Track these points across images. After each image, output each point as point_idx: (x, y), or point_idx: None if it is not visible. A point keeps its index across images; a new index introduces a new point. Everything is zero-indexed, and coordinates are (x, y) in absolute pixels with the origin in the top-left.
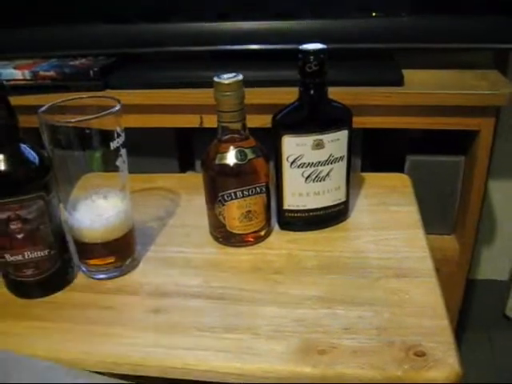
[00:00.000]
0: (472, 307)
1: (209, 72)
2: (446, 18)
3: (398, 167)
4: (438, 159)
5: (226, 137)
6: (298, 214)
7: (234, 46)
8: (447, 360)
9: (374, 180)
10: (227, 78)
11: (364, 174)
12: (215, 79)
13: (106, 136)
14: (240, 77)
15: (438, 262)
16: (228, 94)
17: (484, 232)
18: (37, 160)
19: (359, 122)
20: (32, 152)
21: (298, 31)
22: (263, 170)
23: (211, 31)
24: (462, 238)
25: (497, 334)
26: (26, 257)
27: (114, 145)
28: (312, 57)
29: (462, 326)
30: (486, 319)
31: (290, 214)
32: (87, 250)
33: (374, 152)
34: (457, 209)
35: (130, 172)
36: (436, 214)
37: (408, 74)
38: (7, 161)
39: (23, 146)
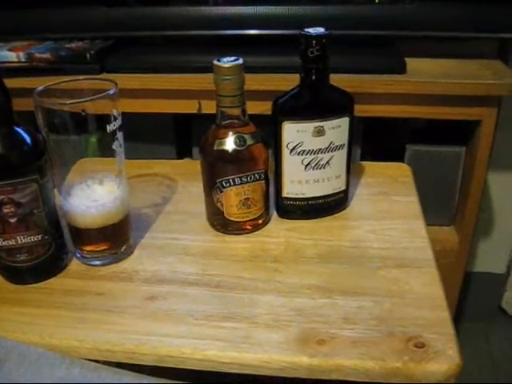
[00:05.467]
0: (468, 299)
1: (208, 57)
2: (450, 6)
3: (398, 157)
4: (439, 149)
5: (225, 122)
6: (297, 202)
7: (234, 30)
8: (447, 352)
9: (374, 169)
10: (227, 62)
11: (364, 163)
12: (215, 63)
13: (103, 120)
14: (240, 61)
15: (437, 253)
16: (228, 78)
17: (482, 225)
18: (31, 143)
19: (360, 110)
20: (26, 135)
21: (299, 17)
22: (262, 157)
23: (211, 15)
24: (462, 229)
25: (492, 326)
26: (19, 242)
27: (110, 127)
28: (314, 41)
29: (458, 318)
30: (482, 312)
31: (288, 202)
32: (82, 235)
33: (374, 141)
34: (457, 200)
35: (127, 158)
36: (436, 205)
37: (411, 62)
38: (1, 143)
39: (17, 129)
